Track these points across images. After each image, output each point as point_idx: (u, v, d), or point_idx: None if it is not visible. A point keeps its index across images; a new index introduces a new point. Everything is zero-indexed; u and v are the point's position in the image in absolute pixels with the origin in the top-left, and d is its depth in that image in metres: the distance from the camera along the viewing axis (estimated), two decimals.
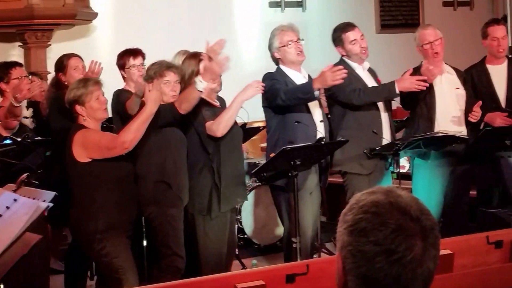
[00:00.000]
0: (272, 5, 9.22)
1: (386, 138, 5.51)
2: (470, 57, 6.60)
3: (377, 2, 9.95)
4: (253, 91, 4.91)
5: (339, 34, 5.65)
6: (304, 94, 5.13)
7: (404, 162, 5.40)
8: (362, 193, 1.57)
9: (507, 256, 3.65)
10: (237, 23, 9.04)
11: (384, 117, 5.57)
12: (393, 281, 1.48)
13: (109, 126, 5.15)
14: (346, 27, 5.66)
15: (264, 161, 5.42)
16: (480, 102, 5.65)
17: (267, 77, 5.32)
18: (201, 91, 4.68)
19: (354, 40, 5.59)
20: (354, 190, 5.05)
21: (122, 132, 4.50)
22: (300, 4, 9.38)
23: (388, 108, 5.63)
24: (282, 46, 5.36)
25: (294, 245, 5.05)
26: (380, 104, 5.55)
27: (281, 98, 5.16)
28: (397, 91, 5.35)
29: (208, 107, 4.97)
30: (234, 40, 8.91)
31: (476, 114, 5.59)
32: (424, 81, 5.38)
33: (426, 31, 5.89)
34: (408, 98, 5.63)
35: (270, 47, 5.44)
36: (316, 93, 5.12)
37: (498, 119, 5.70)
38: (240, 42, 8.98)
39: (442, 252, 3.47)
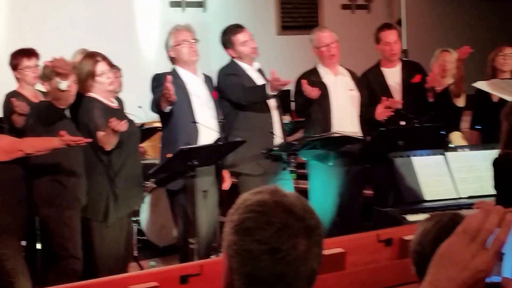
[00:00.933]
0: (173, 4, 9.17)
1: (278, 138, 5.59)
2: (368, 59, 6.74)
3: (277, 3, 10.04)
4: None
5: (228, 36, 5.69)
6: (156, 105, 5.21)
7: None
8: (249, 192, 1.59)
9: (396, 253, 3.74)
10: (138, 22, 8.95)
11: (276, 117, 5.65)
12: (277, 280, 1.49)
13: (0, 126, 5.03)
14: (235, 29, 5.71)
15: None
16: (386, 102, 5.81)
17: (153, 79, 5.35)
18: (65, 90, 4.65)
19: (245, 41, 5.65)
20: (247, 191, 5.07)
21: (24, 142, 4.46)
22: (201, 4, 9.37)
23: (278, 108, 5.71)
24: (176, 45, 5.36)
25: (191, 246, 5.05)
26: (271, 105, 5.63)
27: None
28: (268, 92, 5.37)
29: (102, 111, 4.90)
30: (135, 40, 8.83)
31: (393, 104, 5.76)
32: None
33: (323, 34, 6.00)
34: (304, 105, 5.72)
35: (165, 46, 5.44)
36: (167, 108, 5.15)
37: (377, 110, 5.85)
38: (141, 41, 8.90)
39: (334, 250, 3.56)
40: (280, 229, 1.49)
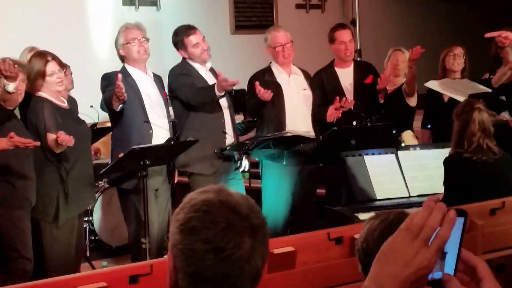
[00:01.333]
0: (125, 3, 9.09)
1: (230, 137, 5.59)
2: (322, 59, 6.77)
3: (231, 2, 10.02)
4: None
5: (180, 38, 5.66)
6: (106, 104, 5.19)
7: (244, 162, 5.49)
8: (195, 192, 1.59)
9: (347, 251, 3.75)
10: (90, 20, 8.84)
11: (228, 116, 5.65)
12: (221, 279, 1.49)
13: None
14: (187, 30, 5.68)
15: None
16: (338, 103, 5.83)
17: (103, 78, 5.31)
18: (12, 92, 4.59)
19: (197, 43, 5.62)
20: None
21: None
22: (154, 3, 9.30)
23: (230, 107, 5.70)
24: (126, 43, 5.33)
25: (143, 246, 5.02)
26: (224, 105, 5.62)
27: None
28: (217, 93, 5.35)
29: (52, 112, 4.84)
30: (87, 38, 8.73)
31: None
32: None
33: (278, 34, 5.99)
34: (257, 106, 5.71)
35: (115, 44, 5.39)
36: (119, 107, 5.12)
37: (328, 112, 5.87)
38: (94, 40, 8.80)
39: (284, 249, 3.56)
40: (225, 229, 1.49)
